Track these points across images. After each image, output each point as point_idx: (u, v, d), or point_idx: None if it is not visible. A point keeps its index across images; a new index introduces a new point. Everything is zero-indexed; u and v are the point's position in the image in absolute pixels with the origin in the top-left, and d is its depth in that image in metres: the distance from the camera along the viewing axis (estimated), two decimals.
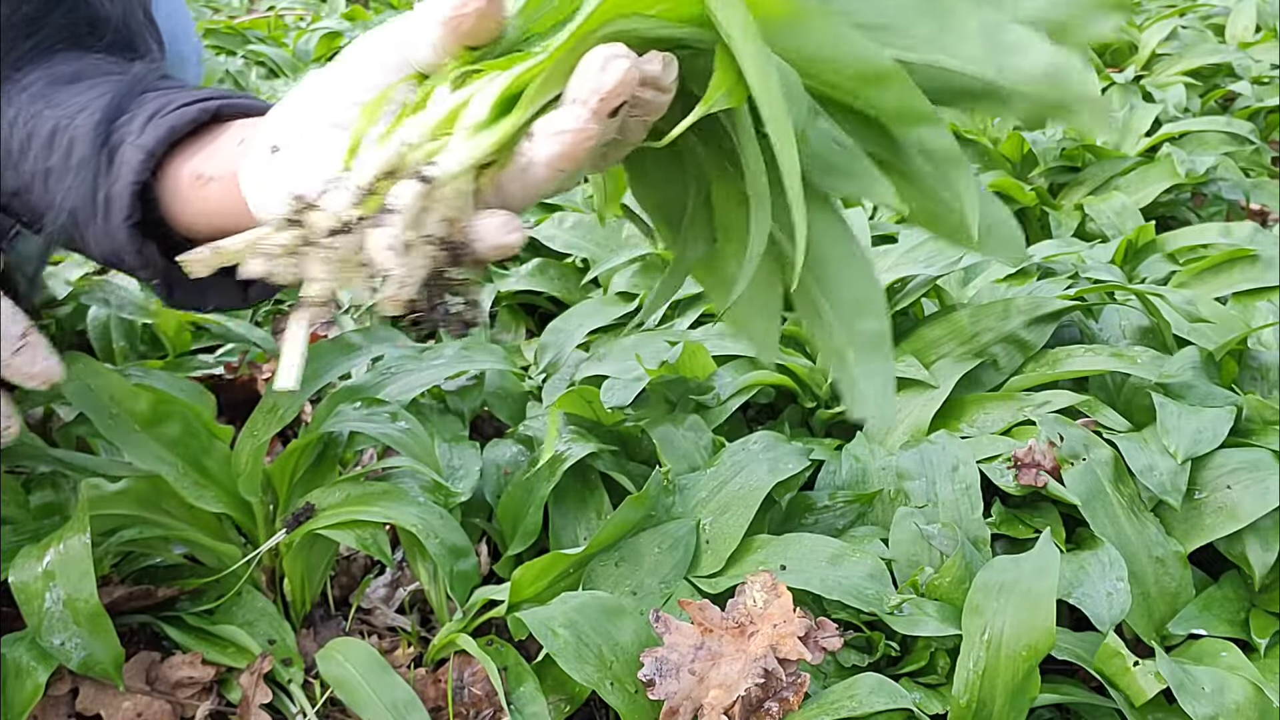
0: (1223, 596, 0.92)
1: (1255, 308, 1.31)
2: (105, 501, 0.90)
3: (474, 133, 0.43)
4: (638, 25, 0.42)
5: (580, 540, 0.99)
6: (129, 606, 0.92)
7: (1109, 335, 1.23)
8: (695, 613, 0.80)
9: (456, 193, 0.44)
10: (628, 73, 0.41)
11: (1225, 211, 1.76)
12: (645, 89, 0.44)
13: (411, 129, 0.44)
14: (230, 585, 0.94)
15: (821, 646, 0.78)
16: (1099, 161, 1.83)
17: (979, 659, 0.77)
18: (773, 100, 0.39)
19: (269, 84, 2.78)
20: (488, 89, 0.43)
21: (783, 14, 0.41)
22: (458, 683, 0.89)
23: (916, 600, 0.85)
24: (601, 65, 0.41)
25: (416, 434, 0.99)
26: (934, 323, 1.19)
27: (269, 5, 3.79)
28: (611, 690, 0.78)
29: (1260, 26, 2.53)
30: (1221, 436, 0.98)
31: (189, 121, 0.58)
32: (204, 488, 0.95)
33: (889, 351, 0.47)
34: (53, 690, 0.86)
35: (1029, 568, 0.79)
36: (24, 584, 0.82)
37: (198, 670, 0.90)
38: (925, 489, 0.99)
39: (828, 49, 0.42)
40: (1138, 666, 0.80)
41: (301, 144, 0.50)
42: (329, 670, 0.86)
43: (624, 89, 0.42)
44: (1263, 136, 2.01)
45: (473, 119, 0.43)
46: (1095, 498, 0.94)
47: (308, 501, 0.96)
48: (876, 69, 0.42)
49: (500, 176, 0.45)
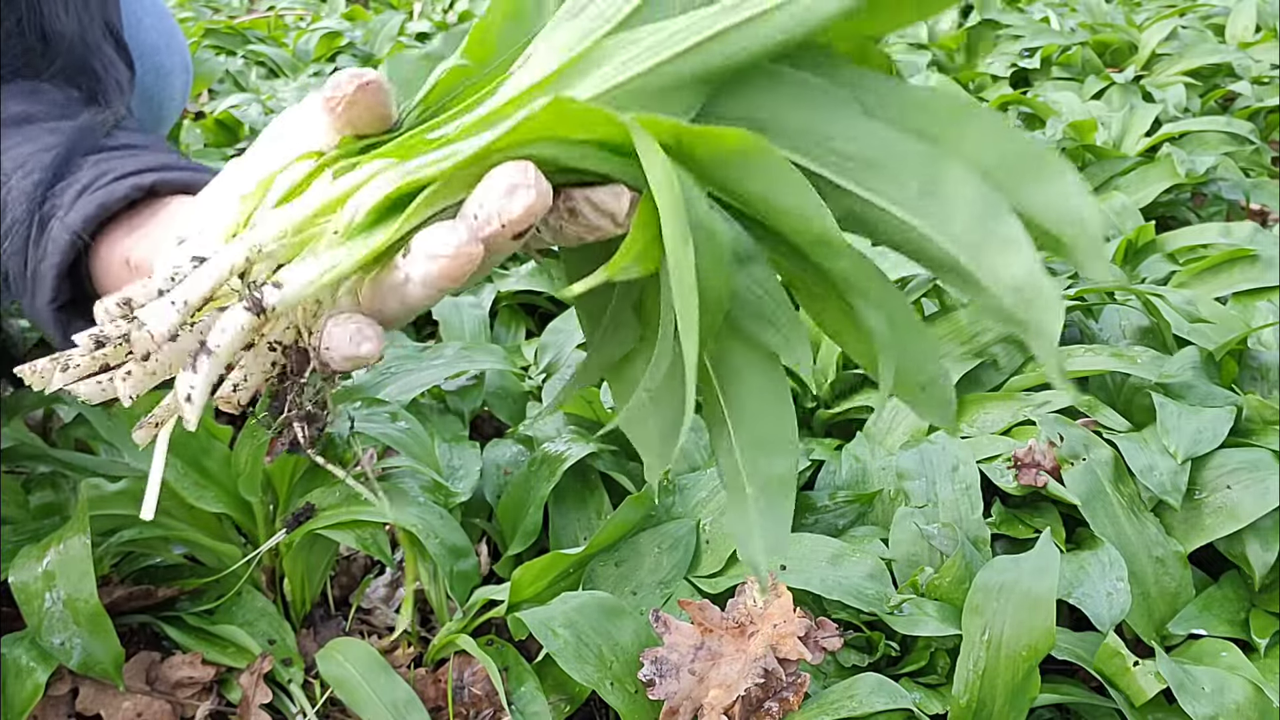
0: (1223, 596, 0.92)
1: (1255, 308, 1.31)
2: (105, 501, 0.90)
3: (344, 238, 0.38)
4: (559, 153, 0.37)
5: (580, 540, 0.99)
6: (129, 606, 0.92)
7: (1109, 335, 1.23)
8: (695, 613, 0.80)
9: (305, 307, 0.39)
10: (535, 204, 0.37)
11: (1225, 211, 1.76)
12: (592, 210, 0.39)
13: (268, 227, 0.39)
14: (230, 585, 0.94)
15: (821, 646, 0.78)
16: (1099, 161, 1.83)
17: (979, 659, 0.77)
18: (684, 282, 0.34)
19: (269, 84, 2.78)
20: (372, 186, 0.38)
21: (734, 150, 0.35)
22: (458, 683, 0.89)
23: (916, 600, 0.85)
24: (507, 190, 0.37)
25: (416, 434, 0.99)
26: (934, 323, 1.19)
27: (269, 5, 3.79)
28: (611, 690, 0.78)
29: (1260, 26, 2.53)
30: (1221, 436, 0.98)
31: (119, 199, 0.55)
32: (203, 488, 0.95)
33: (793, 494, 0.43)
34: (53, 690, 0.86)
35: (1029, 568, 0.79)
36: (24, 584, 0.82)
37: (198, 670, 0.90)
38: (925, 489, 0.99)
39: (779, 199, 0.37)
40: (1138, 666, 0.80)
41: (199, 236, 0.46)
42: (329, 670, 0.86)
43: (528, 220, 0.37)
44: (1263, 136, 2.01)
45: (347, 219, 0.38)
46: (1095, 498, 0.94)
47: (308, 501, 0.96)
48: (831, 240, 0.37)
49: (376, 282, 0.40)
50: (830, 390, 1.18)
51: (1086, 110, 2.02)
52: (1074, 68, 2.39)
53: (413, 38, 3.06)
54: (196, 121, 2.39)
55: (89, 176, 0.57)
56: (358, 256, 0.37)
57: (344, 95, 0.41)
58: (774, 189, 0.36)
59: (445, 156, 0.37)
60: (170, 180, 0.57)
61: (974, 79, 2.35)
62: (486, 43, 0.42)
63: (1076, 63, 2.40)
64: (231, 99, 2.48)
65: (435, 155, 0.38)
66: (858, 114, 0.37)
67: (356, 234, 0.38)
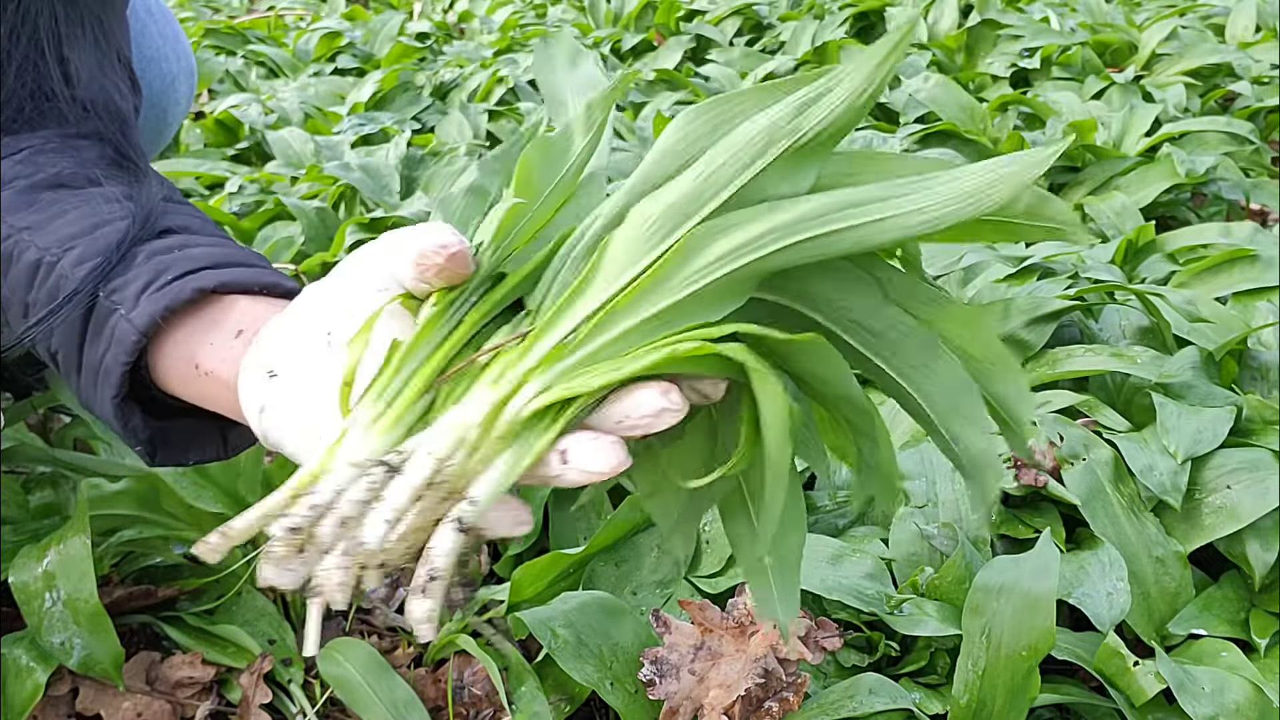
0: (1223, 596, 0.92)
1: (1255, 308, 1.31)
2: (105, 501, 0.90)
3: (506, 443, 0.44)
4: (684, 369, 0.45)
5: (580, 540, 0.99)
6: (129, 606, 0.92)
7: (1109, 335, 1.23)
8: (695, 613, 0.80)
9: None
10: (677, 419, 0.44)
11: (1225, 211, 1.76)
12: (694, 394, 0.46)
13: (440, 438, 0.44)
14: (230, 585, 0.94)
15: (821, 646, 0.78)
16: (1099, 161, 1.83)
17: (979, 659, 0.77)
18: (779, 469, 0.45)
19: (269, 84, 2.78)
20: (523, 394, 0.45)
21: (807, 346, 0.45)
22: (458, 683, 0.89)
23: (916, 600, 0.85)
24: (655, 411, 0.44)
25: None
26: None
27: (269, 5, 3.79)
28: (611, 690, 0.78)
29: (1260, 26, 2.53)
30: (1221, 436, 0.98)
31: (184, 301, 0.58)
32: (202, 488, 0.95)
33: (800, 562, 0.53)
34: (53, 690, 0.86)
35: (1029, 568, 0.79)
36: (24, 584, 0.82)
37: (198, 670, 0.90)
38: (925, 489, 0.99)
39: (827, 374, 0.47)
40: (1138, 666, 0.79)
41: (296, 371, 0.51)
42: (329, 670, 0.86)
43: (666, 426, 0.45)
44: (1263, 136, 2.01)
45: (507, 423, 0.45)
46: (1095, 498, 0.94)
47: None
48: (854, 400, 0.47)
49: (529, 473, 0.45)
50: None
51: (1086, 110, 2.02)
52: (1074, 68, 2.40)
53: (413, 38, 3.06)
54: (196, 121, 2.39)
55: (148, 274, 0.59)
56: (524, 465, 0.44)
57: (434, 265, 0.47)
58: (826, 368, 0.46)
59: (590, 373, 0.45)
60: (229, 283, 0.59)
61: (974, 79, 2.35)
62: (531, 181, 0.51)
63: (1076, 63, 2.40)
64: (231, 99, 2.48)
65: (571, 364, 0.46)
66: (880, 298, 0.47)
67: (515, 438, 0.45)
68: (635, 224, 0.47)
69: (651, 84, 2.45)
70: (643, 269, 0.45)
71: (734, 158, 0.46)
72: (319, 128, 2.33)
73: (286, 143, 2.13)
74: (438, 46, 3.04)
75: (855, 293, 0.48)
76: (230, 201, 1.83)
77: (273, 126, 2.29)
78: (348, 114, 2.41)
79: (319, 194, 1.83)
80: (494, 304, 0.49)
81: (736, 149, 0.46)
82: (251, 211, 1.78)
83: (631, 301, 0.45)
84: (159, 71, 1.09)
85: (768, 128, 0.46)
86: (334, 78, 2.81)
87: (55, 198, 0.64)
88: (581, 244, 0.49)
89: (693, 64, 2.65)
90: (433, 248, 0.47)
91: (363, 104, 2.47)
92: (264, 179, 1.95)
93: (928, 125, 1.91)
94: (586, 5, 3.27)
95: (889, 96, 2.17)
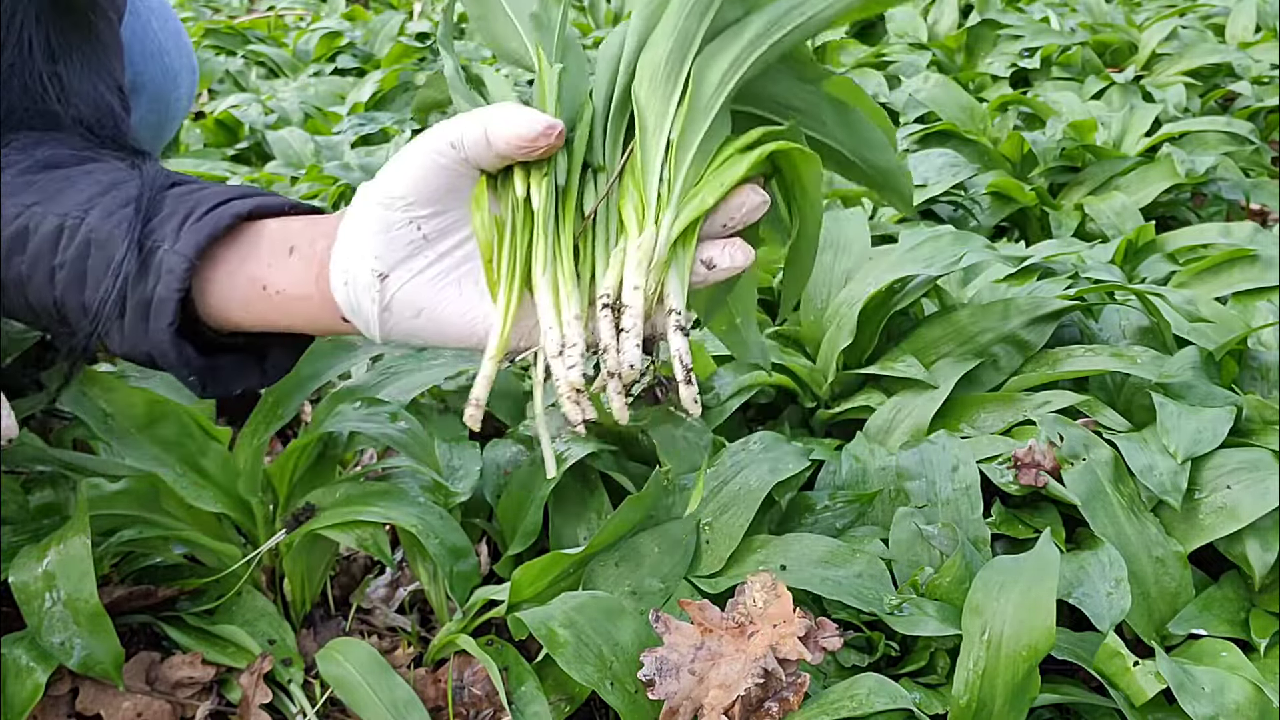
0: (1223, 596, 0.92)
1: (1255, 308, 1.31)
2: (105, 501, 0.90)
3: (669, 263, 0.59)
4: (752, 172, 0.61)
5: (580, 540, 0.99)
6: (129, 606, 0.92)
7: (1109, 335, 1.23)
8: (695, 613, 0.80)
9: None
10: (767, 205, 0.60)
11: (1225, 211, 1.76)
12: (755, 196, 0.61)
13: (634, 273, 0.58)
14: (230, 585, 0.94)
15: (821, 646, 0.78)
16: (1099, 161, 1.83)
17: (979, 659, 0.77)
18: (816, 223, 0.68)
19: (269, 84, 2.78)
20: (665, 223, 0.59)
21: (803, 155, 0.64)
22: (458, 683, 0.89)
23: (916, 600, 0.85)
24: (756, 205, 0.60)
25: (416, 434, 0.99)
26: (934, 323, 1.19)
27: (269, 5, 3.79)
28: (611, 690, 0.78)
29: (1260, 26, 2.53)
30: (1221, 436, 0.98)
31: (225, 226, 0.61)
32: (202, 488, 0.95)
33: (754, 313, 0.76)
34: (53, 690, 0.86)
35: (1029, 568, 0.79)
36: (24, 584, 0.82)
37: (198, 670, 0.90)
38: (925, 489, 0.99)
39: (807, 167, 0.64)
40: (1138, 666, 0.79)
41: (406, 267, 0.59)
42: (329, 670, 0.86)
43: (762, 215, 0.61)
44: (1263, 136, 2.01)
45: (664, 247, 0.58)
46: (1095, 498, 0.94)
47: (308, 501, 0.96)
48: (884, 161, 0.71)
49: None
50: (830, 390, 1.18)
51: (1086, 110, 2.02)
52: (1074, 68, 2.40)
53: (413, 38, 3.06)
54: (196, 121, 2.39)
55: (183, 210, 0.62)
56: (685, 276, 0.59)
57: (542, 146, 0.56)
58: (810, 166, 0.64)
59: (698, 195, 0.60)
60: (262, 207, 0.64)
61: (974, 79, 2.35)
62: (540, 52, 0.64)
63: (1076, 63, 2.40)
64: (231, 99, 2.48)
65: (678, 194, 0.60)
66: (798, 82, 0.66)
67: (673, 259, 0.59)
68: (648, 73, 0.60)
69: None
70: (674, 107, 0.59)
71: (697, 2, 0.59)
72: (319, 128, 2.33)
73: (286, 143, 2.13)
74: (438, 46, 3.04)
75: (783, 83, 0.65)
76: None
77: (273, 126, 2.29)
78: (348, 114, 2.41)
79: (319, 194, 1.83)
80: (577, 168, 0.61)
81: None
82: None
83: (682, 134, 0.59)
84: (161, 67, 1.09)
85: None
86: (334, 78, 2.81)
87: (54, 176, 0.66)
88: (614, 101, 0.62)
89: None
90: (542, 129, 0.55)
91: (363, 104, 2.47)
92: (264, 179, 1.95)
93: (928, 125, 1.91)
94: (586, 5, 3.27)
95: (889, 96, 2.17)
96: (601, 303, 0.57)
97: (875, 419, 1.12)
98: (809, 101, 0.66)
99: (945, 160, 1.76)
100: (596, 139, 0.62)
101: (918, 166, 1.76)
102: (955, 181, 1.71)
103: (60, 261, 0.63)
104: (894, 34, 2.68)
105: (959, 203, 1.73)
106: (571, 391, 0.57)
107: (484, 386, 0.59)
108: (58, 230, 0.63)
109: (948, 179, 1.71)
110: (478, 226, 0.59)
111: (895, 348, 1.19)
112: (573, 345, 0.57)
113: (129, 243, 0.61)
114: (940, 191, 1.69)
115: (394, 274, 0.58)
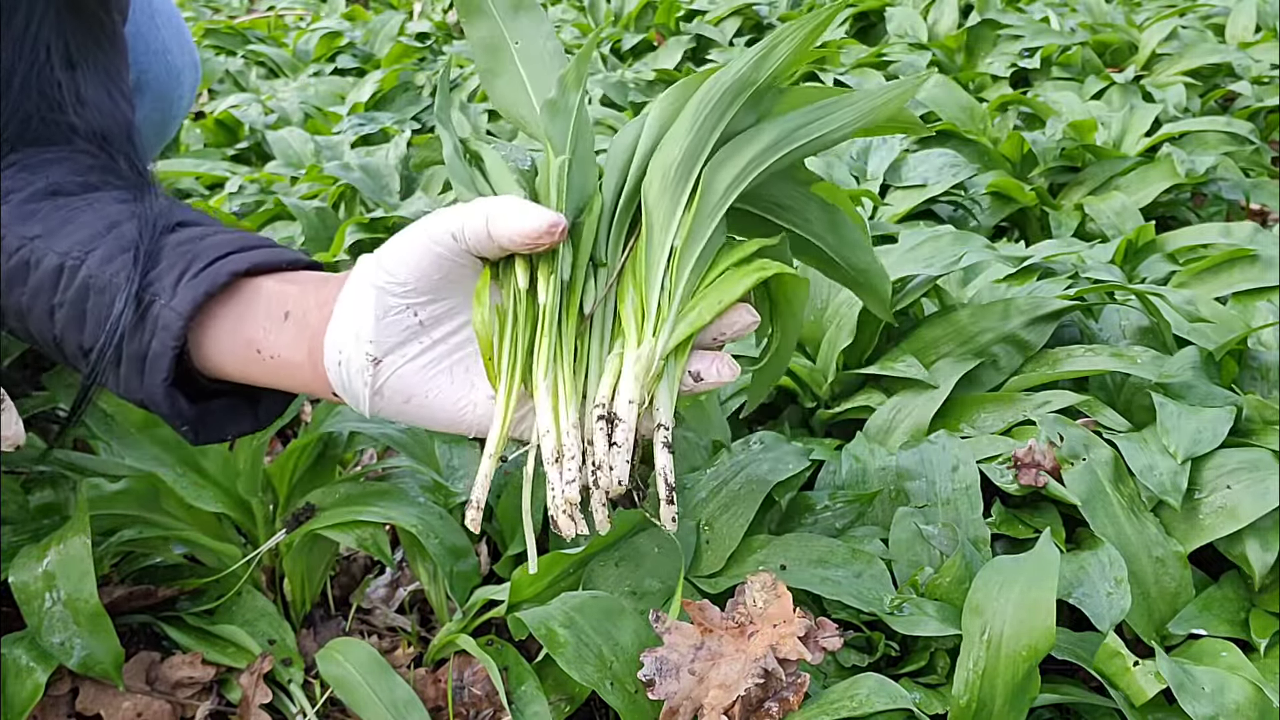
0: (1223, 596, 0.91)
1: (1255, 308, 1.30)
2: (105, 501, 0.90)
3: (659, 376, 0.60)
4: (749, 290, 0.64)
5: (580, 540, 0.98)
6: (129, 606, 0.92)
7: (1109, 335, 1.22)
8: (695, 613, 0.80)
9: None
10: (755, 324, 0.63)
11: (1225, 211, 1.75)
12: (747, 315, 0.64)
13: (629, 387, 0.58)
14: (230, 585, 0.94)
15: (821, 646, 0.78)
16: (1099, 161, 1.83)
17: (979, 659, 0.77)
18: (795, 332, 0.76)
19: (269, 84, 2.78)
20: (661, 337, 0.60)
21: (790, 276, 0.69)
22: (458, 683, 0.89)
23: (916, 600, 0.85)
24: (745, 325, 0.62)
25: (416, 434, 0.99)
26: (934, 323, 1.19)
27: (269, 5, 3.79)
28: (611, 690, 0.78)
29: (1260, 26, 2.53)
30: (1221, 436, 0.98)
31: (220, 285, 0.62)
32: (202, 488, 0.95)
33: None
34: (53, 690, 0.86)
35: (1029, 568, 0.79)
36: (24, 584, 0.82)
37: (198, 670, 0.90)
38: (925, 489, 0.98)
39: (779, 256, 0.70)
40: (1138, 666, 0.79)
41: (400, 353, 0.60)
42: (329, 670, 0.86)
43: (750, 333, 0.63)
44: (1263, 136, 2.01)
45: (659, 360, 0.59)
46: (1095, 498, 0.94)
47: (308, 501, 0.96)
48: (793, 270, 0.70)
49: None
50: (830, 390, 1.18)
51: (1086, 110, 2.02)
52: (1074, 68, 2.39)
53: (413, 38, 3.06)
54: (196, 122, 2.39)
55: (181, 263, 0.63)
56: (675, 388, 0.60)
57: (545, 242, 0.57)
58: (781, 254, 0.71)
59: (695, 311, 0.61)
60: (259, 264, 0.64)
61: (974, 79, 2.35)
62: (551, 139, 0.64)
63: (1076, 63, 2.40)
64: (231, 99, 2.48)
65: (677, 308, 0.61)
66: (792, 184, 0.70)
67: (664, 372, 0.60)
68: (659, 175, 0.61)
69: (651, 84, 2.45)
70: (682, 210, 0.61)
71: (714, 107, 0.61)
72: (319, 128, 2.33)
73: (286, 143, 2.12)
74: (438, 46, 3.04)
75: (777, 185, 0.68)
76: (230, 201, 1.82)
77: (273, 126, 2.29)
78: (348, 114, 2.41)
79: (319, 194, 1.83)
80: (583, 264, 0.62)
81: (714, 99, 0.61)
82: (251, 211, 1.78)
83: (687, 241, 0.61)
84: (165, 64, 1.09)
85: (736, 79, 0.61)
86: (334, 78, 2.81)
87: (56, 205, 0.66)
88: (623, 197, 0.63)
89: (693, 64, 2.65)
90: (545, 227, 0.56)
91: (363, 104, 2.47)
92: (264, 179, 1.94)
93: (927, 125, 1.91)
94: (586, 5, 3.27)
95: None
96: (597, 414, 0.58)
97: (875, 419, 1.12)
98: (798, 201, 0.70)
99: (945, 160, 1.76)
100: (602, 234, 0.63)
101: (918, 166, 1.76)
102: (955, 181, 1.71)
103: (59, 301, 0.63)
104: (894, 34, 2.68)
105: (959, 203, 1.73)
106: (567, 505, 0.58)
107: (483, 487, 0.60)
108: (58, 270, 0.63)
109: (948, 179, 1.71)
110: (478, 323, 0.59)
111: (895, 348, 1.19)
112: (570, 457, 0.58)
113: (126, 296, 0.61)
114: (940, 191, 1.69)
115: (387, 359, 0.59)
